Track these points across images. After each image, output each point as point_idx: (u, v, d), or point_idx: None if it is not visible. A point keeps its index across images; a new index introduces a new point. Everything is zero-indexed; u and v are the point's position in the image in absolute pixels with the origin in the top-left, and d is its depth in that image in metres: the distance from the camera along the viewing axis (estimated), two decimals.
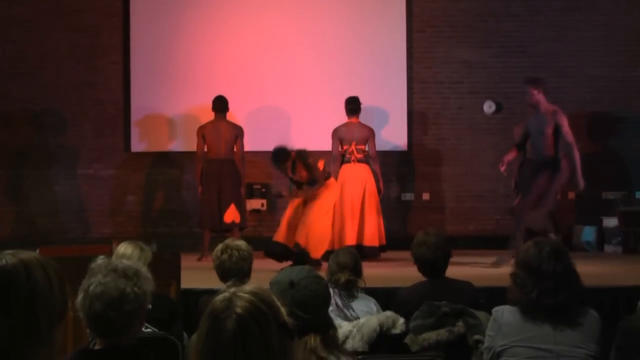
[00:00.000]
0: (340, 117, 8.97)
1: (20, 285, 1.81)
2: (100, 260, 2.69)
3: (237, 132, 8.67)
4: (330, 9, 10.17)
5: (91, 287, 2.60)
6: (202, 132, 8.61)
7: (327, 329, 2.72)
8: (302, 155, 7.74)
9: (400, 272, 7.37)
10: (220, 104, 8.63)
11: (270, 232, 10.03)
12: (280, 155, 7.80)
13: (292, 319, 2.57)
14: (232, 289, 1.81)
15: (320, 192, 7.76)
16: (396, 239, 9.70)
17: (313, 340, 2.65)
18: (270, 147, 9.77)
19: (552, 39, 10.22)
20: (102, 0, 10.24)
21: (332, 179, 8.04)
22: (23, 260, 1.85)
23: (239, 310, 1.73)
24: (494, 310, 3.62)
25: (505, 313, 3.55)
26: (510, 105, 10.11)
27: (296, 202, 7.87)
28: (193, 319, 4.72)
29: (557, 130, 7.87)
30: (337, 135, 8.72)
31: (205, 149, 8.68)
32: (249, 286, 1.82)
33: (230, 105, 8.65)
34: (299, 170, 7.81)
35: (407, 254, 8.19)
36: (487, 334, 3.68)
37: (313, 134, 9.09)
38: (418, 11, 10.23)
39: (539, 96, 7.91)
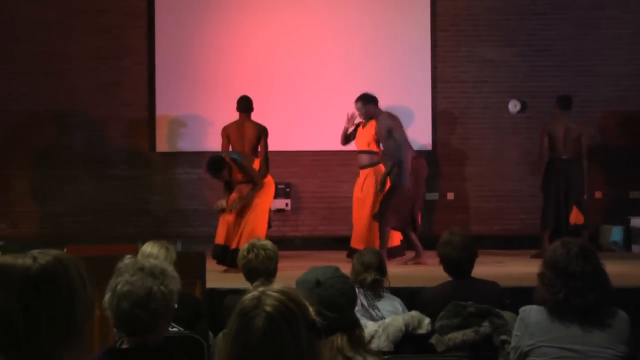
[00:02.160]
0: None
1: (61, 284, 1.83)
2: (128, 259, 2.70)
3: (260, 132, 8.64)
4: (353, 8, 10.15)
5: (119, 286, 2.63)
6: (227, 132, 8.61)
7: (353, 328, 2.71)
8: (236, 160, 7.88)
9: (425, 271, 7.39)
10: (244, 104, 8.63)
11: (294, 231, 10.08)
12: (215, 164, 7.91)
13: (319, 318, 2.59)
14: (261, 288, 1.81)
15: (258, 193, 7.89)
16: (420, 239, 9.68)
17: (340, 340, 2.64)
18: (293, 147, 9.84)
19: (577, 37, 10.13)
20: (127, 1, 10.28)
21: (268, 178, 8.12)
22: (60, 259, 1.86)
23: (268, 308, 1.74)
24: (521, 310, 3.60)
25: (532, 313, 3.53)
26: (535, 104, 10.04)
27: (231, 200, 7.92)
28: (218, 318, 4.73)
29: None
30: None
31: (230, 149, 8.69)
32: (277, 285, 1.82)
33: (254, 104, 8.65)
34: (234, 173, 7.98)
35: (431, 254, 8.21)
36: (513, 334, 3.65)
37: (336, 133, 9.07)
38: (442, 10, 10.19)
39: None
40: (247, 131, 8.52)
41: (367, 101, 8.68)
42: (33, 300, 1.79)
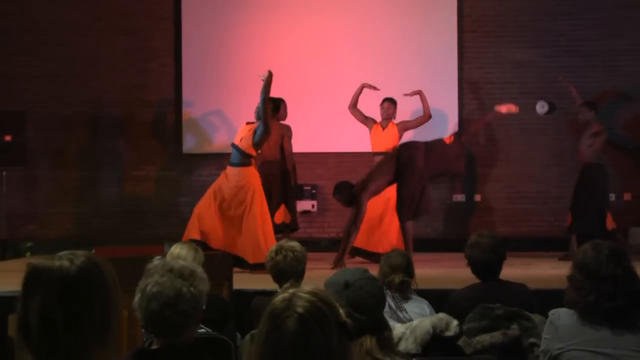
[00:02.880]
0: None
1: (98, 285, 1.87)
2: (157, 260, 2.71)
3: (283, 132, 8.66)
4: (380, 9, 10.14)
5: (148, 287, 2.63)
6: None
7: (382, 330, 2.71)
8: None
9: (452, 273, 7.33)
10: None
11: (320, 233, 10.07)
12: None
13: (349, 319, 2.58)
14: (292, 290, 1.81)
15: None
16: (448, 241, 9.67)
17: (369, 342, 2.64)
18: (318, 149, 9.82)
19: (605, 37, 10.04)
20: (154, 3, 10.34)
21: (254, 171, 8.01)
22: (93, 260, 1.90)
23: (299, 310, 1.73)
24: (551, 312, 3.57)
25: (562, 316, 3.50)
26: (563, 105, 9.96)
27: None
28: (245, 319, 4.73)
29: None
30: None
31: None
32: (307, 287, 1.82)
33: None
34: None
35: (458, 255, 8.16)
36: (543, 337, 3.62)
37: (362, 135, 9.05)
38: (469, 11, 10.14)
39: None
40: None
41: (395, 103, 8.70)
42: (72, 301, 1.82)
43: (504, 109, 8.65)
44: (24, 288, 1.86)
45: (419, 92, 8.72)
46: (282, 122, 8.71)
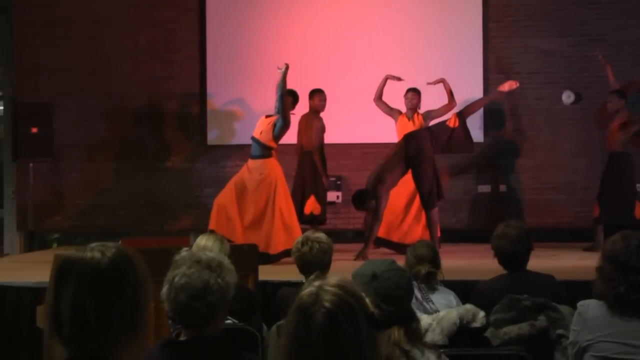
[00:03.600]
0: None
1: (129, 277, 1.87)
2: (184, 252, 2.72)
3: (308, 122, 8.68)
4: None
5: (176, 279, 2.63)
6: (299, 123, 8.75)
7: (410, 321, 2.71)
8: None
9: (478, 264, 7.28)
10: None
11: (345, 224, 10.06)
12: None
13: (376, 310, 2.58)
14: (317, 282, 1.80)
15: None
16: (473, 232, 9.63)
17: (397, 333, 2.64)
18: (343, 140, 9.80)
19: (633, 26, 9.92)
20: None
21: (276, 163, 8.06)
22: (124, 252, 1.90)
23: (327, 304, 1.73)
24: (579, 304, 3.55)
25: (591, 307, 3.47)
26: (590, 95, 9.87)
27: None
28: (271, 310, 4.74)
29: None
30: None
31: (297, 140, 8.78)
32: (333, 279, 1.81)
33: (304, 97, 8.65)
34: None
35: (484, 247, 8.13)
36: (572, 329, 3.60)
37: (387, 125, 9.02)
38: (494, 1, 10.06)
39: None
40: (302, 123, 8.61)
41: (419, 93, 8.66)
42: (104, 294, 1.83)
43: (506, 87, 8.59)
44: (55, 279, 1.87)
45: (442, 80, 8.67)
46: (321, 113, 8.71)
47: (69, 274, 1.85)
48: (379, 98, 8.84)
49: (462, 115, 8.47)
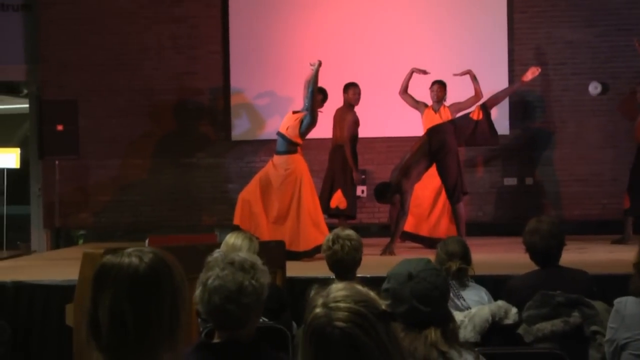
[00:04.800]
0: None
1: (167, 283, 1.86)
2: (217, 253, 2.70)
3: (341, 116, 8.65)
4: None
5: (209, 281, 2.61)
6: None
7: (447, 322, 2.66)
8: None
9: (506, 258, 7.27)
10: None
11: (370, 218, 10.02)
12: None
13: (411, 312, 2.54)
14: (321, 300, 1.73)
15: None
16: (499, 225, 9.55)
17: (433, 334, 2.60)
18: (367, 134, 9.75)
19: None
20: None
21: (301, 159, 8.00)
22: (162, 258, 1.89)
23: (340, 323, 1.68)
24: (617, 301, 3.51)
25: (628, 304, 3.44)
26: (617, 86, 9.75)
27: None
28: (299, 308, 4.72)
29: None
30: None
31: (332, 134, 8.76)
32: (336, 291, 1.74)
33: (331, 94, 8.61)
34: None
35: (510, 240, 8.09)
36: (609, 326, 3.56)
37: (411, 119, 8.95)
38: None
39: None
40: (335, 116, 8.59)
41: (445, 86, 8.59)
42: (143, 299, 1.82)
43: (528, 75, 8.49)
44: (93, 285, 1.86)
45: (468, 72, 8.58)
46: (355, 106, 8.67)
47: (107, 279, 1.85)
48: (404, 91, 8.78)
49: (486, 108, 8.40)
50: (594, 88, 9.82)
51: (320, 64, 7.85)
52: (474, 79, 8.52)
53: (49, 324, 6.00)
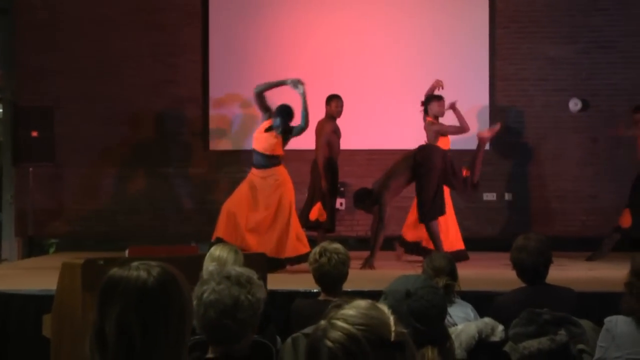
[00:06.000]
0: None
1: (175, 297, 1.86)
2: (212, 267, 2.66)
3: (320, 128, 8.61)
4: (411, 5, 10.01)
5: (205, 295, 2.59)
6: None
7: (444, 340, 2.62)
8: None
9: (487, 274, 7.27)
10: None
11: (349, 231, 9.96)
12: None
13: (400, 330, 2.47)
14: (331, 313, 1.67)
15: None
16: (478, 240, 9.52)
17: (430, 353, 2.55)
18: (347, 146, 9.72)
19: None
20: None
21: (285, 172, 7.92)
22: (169, 271, 1.89)
23: (329, 343, 1.60)
24: (607, 320, 3.49)
25: (619, 323, 3.42)
26: (597, 103, 9.80)
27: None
28: (283, 321, 4.64)
29: None
30: None
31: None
32: (349, 308, 1.66)
33: (311, 105, 8.56)
34: None
35: (490, 255, 8.06)
36: (598, 345, 3.53)
37: (392, 132, 8.94)
38: (502, 7, 10.00)
39: None
40: (316, 128, 8.59)
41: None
42: (151, 313, 1.82)
43: (486, 132, 8.51)
44: (100, 297, 1.86)
45: (452, 106, 8.52)
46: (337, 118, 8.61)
47: (114, 292, 1.84)
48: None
49: (471, 173, 8.40)
50: (574, 105, 9.86)
51: (302, 85, 7.77)
52: (458, 114, 8.47)
53: (25, 335, 5.86)
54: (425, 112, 8.43)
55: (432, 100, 8.36)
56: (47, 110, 9.47)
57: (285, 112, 7.80)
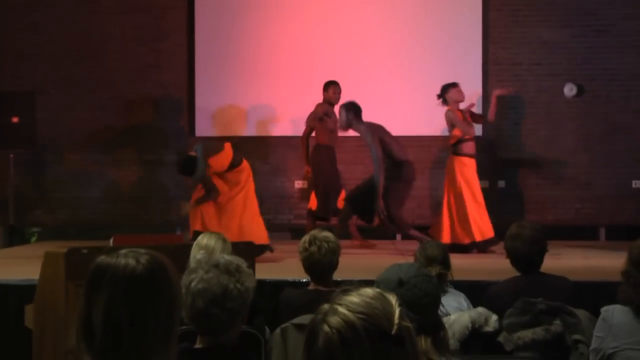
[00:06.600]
0: (414, 102, 8.64)
1: (164, 285, 1.82)
2: (200, 255, 2.58)
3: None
4: None
5: (193, 283, 2.57)
6: None
7: (437, 330, 2.55)
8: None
9: (479, 263, 7.23)
10: None
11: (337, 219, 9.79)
12: (188, 164, 7.57)
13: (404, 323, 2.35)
14: (336, 298, 1.63)
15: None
16: None
17: (424, 343, 2.48)
18: (338, 133, 9.57)
19: (638, 16, 9.71)
20: None
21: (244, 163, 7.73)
22: (158, 259, 1.85)
23: (326, 327, 1.58)
24: (603, 309, 3.44)
25: (616, 313, 3.37)
26: (592, 88, 9.64)
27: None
28: (272, 310, 4.55)
29: None
30: None
31: None
32: (353, 294, 1.62)
33: (297, 91, 8.45)
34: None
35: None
36: (595, 335, 3.49)
37: (383, 119, 8.77)
38: None
39: None
40: None
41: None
42: (140, 302, 1.79)
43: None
44: (87, 286, 1.83)
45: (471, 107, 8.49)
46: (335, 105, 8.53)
47: (102, 280, 1.80)
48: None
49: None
50: (569, 90, 9.66)
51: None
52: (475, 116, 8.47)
53: (6, 325, 5.75)
54: (444, 101, 8.29)
55: (449, 89, 8.32)
56: (28, 95, 9.27)
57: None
